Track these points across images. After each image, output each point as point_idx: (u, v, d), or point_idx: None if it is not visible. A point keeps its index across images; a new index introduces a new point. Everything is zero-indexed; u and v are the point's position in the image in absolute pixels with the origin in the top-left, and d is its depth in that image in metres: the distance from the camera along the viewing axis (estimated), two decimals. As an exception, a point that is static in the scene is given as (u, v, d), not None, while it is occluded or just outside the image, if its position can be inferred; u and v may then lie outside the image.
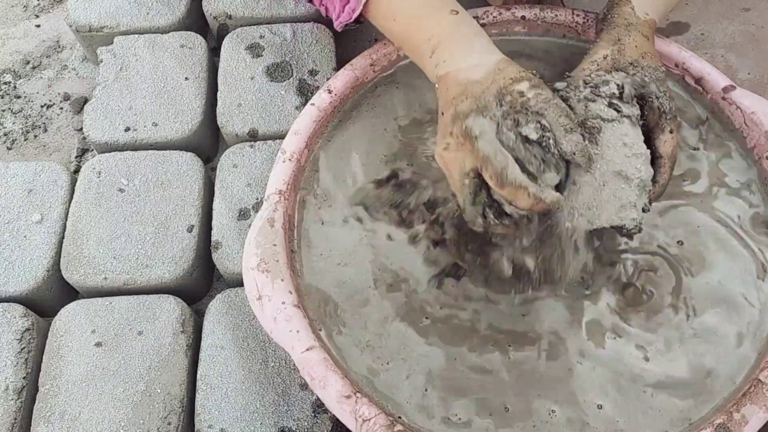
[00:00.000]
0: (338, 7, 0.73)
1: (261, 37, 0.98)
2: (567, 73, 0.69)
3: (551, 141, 0.59)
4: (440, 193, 0.73)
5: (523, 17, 0.86)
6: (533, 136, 0.58)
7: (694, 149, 0.78)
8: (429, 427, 0.64)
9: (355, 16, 0.72)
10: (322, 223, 0.74)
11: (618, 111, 0.63)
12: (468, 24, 0.69)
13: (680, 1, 0.76)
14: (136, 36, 0.99)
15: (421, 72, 0.72)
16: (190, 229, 0.84)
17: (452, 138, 0.62)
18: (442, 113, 0.64)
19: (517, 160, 0.58)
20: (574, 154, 0.59)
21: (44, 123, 1.03)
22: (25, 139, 1.02)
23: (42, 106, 1.05)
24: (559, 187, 0.61)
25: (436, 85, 0.67)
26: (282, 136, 0.82)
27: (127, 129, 0.92)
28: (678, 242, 0.72)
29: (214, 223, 0.84)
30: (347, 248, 0.73)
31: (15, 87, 1.06)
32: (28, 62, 1.09)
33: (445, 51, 0.66)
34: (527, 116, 0.59)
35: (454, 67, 0.65)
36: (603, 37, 0.71)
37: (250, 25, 0.99)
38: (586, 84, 0.65)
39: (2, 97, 1.05)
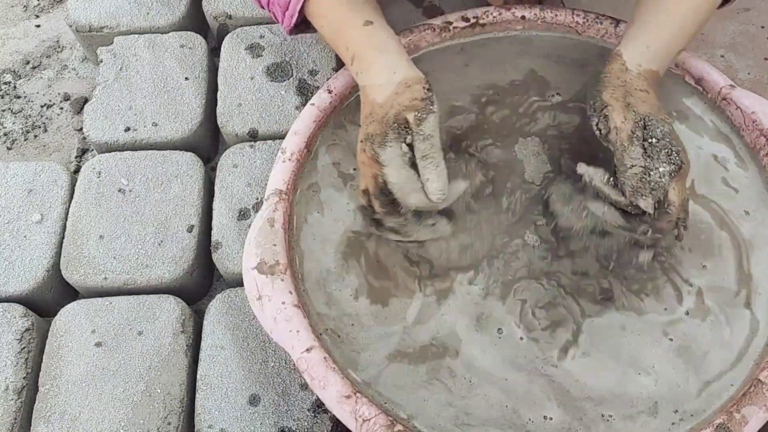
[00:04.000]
0: (279, 14, 0.77)
1: (261, 37, 0.98)
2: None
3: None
4: None
5: (523, 17, 0.86)
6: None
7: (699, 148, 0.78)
8: (430, 428, 0.64)
9: (294, 22, 0.76)
10: (323, 223, 0.74)
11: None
12: (379, 36, 0.72)
13: (686, 46, 0.75)
14: (136, 36, 0.99)
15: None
16: (190, 229, 0.84)
17: (365, 153, 0.68)
18: (361, 122, 0.71)
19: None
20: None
21: (44, 123, 1.03)
22: (25, 139, 1.02)
23: (42, 106, 1.05)
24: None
25: (360, 92, 0.73)
26: (282, 136, 0.82)
27: (127, 129, 0.92)
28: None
29: (214, 223, 0.84)
30: (347, 248, 0.73)
31: (15, 87, 1.06)
32: (28, 62, 1.09)
33: (359, 62, 0.72)
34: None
35: (367, 82, 0.71)
36: (609, 100, 0.69)
37: (250, 25, 0.99)
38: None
39: (2, 97, 1.05)
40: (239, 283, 0.79)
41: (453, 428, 0.63)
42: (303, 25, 0.78)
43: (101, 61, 0.98)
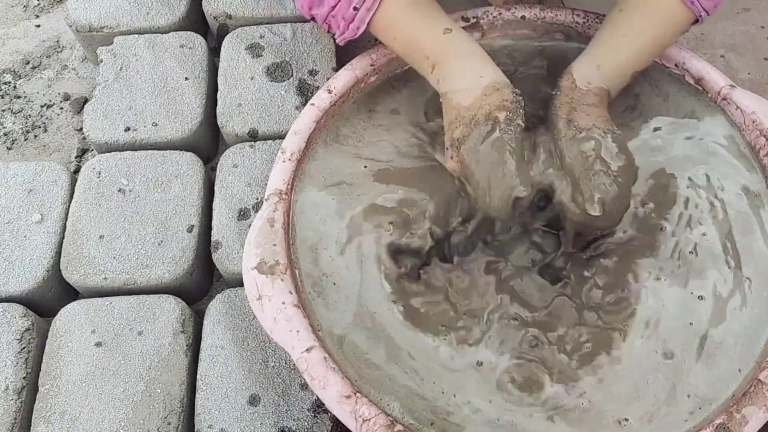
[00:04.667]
0: (342, 25, 0.76)
1: (261, 37, 0.98)
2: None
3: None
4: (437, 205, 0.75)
5: (523, 17, 0.86)
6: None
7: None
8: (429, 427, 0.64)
9: (359, 33, 0.76)
10: (323, 223, 0.74)
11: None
12: (461, 42, 0.73)
13: (642, 68, 0.76)
14: (136, 36, 0.99)
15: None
16: (190, 229, 0.84)
17: (452, 160, 0.70)
18: (446, 130, 0.72)
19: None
20: None
21: (44, 123, 1.03)
22: (25, 139, 1.02)
23: (42, 106, 1.05)
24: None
25: (440, 99, 0.73)
26: (282, 136, 0.82)
27: (127, 129, 0.92)
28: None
29: (214, 223, 0.84)
30: (347, 247, 0.73)
31: (15, 87, 1.06)
32: (28, 62, 1.09)
33: (442, 70, 0.72)
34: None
35: (450, 89, 0.71)
36: (556, 114, 0.71)
37: (250, 25, 0.99)
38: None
39: (2, 97, 1.05)
40: (239, 283, 0.79)
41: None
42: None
43: (101, 61, 0.98)
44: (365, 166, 0.77)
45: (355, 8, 0.73)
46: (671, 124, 0.79)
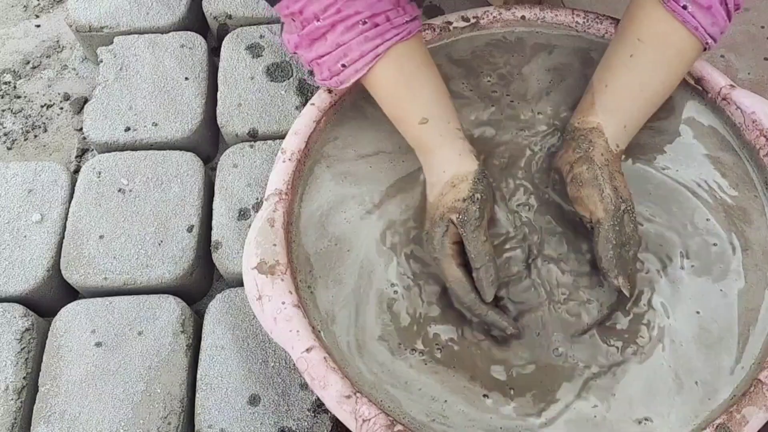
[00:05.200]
0: (326, 74, 0.73)
1: (261, 37, 0.98)
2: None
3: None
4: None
5: (523, 17, 0.86)
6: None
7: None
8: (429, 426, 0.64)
9: (342, 87, 0.73)
10: (323, 223, 0.74)
11: None
12: (434, 134, 0.72)
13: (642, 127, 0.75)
14: (136, 36, 0.99)
15: None
16: (190, 229, 0.84)
17: (426, 243, 0.71)
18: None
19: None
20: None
21: (44, 123, 1.03)
22: (25, 139, 1.02)
23: (42, 106, 1.05)
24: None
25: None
26: (282, 136, 0.82)
27: (127, 129, 0.92)
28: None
29: (214, 223, 0.84)
30: (347, 247, 0.73)
31: (15, 87, 1.06)
32: (28, 62, 1.09)
33: (419, 157, 0.74)
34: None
35: (427, 179, 0.74)
36: (601, 176, 0.69)
37: (250, 25, 0.99)
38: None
39: (2, 97, 1.05)
40: (239, 283, 0.79)
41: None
42: None
43: (101, 61, 0.98)
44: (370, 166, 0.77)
45: (343, 65, 0.71)
46: (671, 124, 0.79)
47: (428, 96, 0.72)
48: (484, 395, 0.65)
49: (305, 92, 0.93)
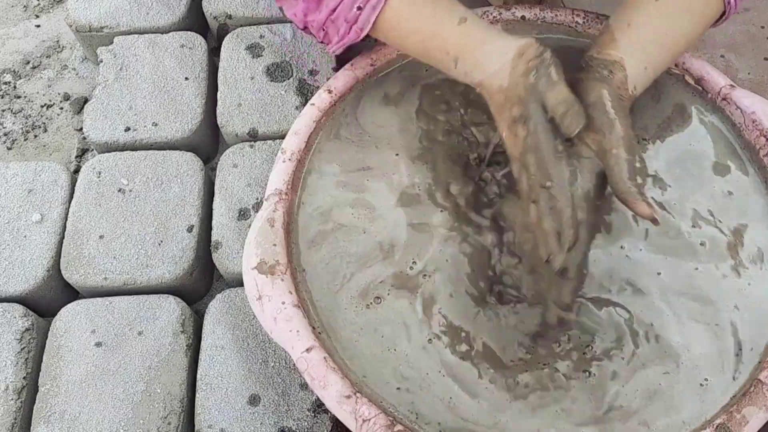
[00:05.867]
0: (343, 29, 0.71)
1: (261, 37, 0.98)
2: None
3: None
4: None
5: (523, 17, 0.86)
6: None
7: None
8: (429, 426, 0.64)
9: (363, 35, 0.71)
10: (323, 223, 0.74)
11: None
12: (478, 29, 0.69)
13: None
14: (136, 36, 0.99)
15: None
16: (190, 229, 0.84)
17: (517, 137, 0.66)
18: (499, 114, 0.68)
19: None
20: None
21: (44, 123, 1.03)
22: (25, 139, 1.02)
23: (42, 106, 1.05)
24: None
25: (477, 90, 0.70)
26: (282, 136, 0.82)
27: (127, 129, 0.92)
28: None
29: (214, 223, 0.84)
30: (348, 247, 0.73)
31: (15, 87, 1.06)
32: (28, 62, 1.09)
33: (466, 62, 0.69)
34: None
35: (483, 76, 0.68)
36: (603, 100, 0.68)
37: (250, 25, 0.99)
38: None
39: (2, 97, 1.05)
40: (239, 283, 0.79)
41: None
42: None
43: (101, 61, 0.98)
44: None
45: (359, 8, 0.69)
46: (671, 124, 0.79)
47: (456, 4, 0.70)
48: None
49: (305, 92, 0.93)
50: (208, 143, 0.97)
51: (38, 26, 1.13)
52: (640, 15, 0.72)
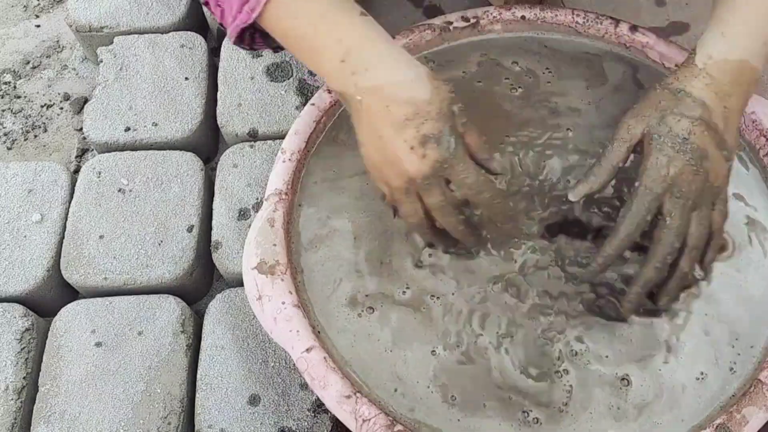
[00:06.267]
0: (236, 7, 0.63)
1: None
2: None
3: None
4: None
5: (523, 17, 0.85)
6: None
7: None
8: (430, 425, 0.64)
9: (254, 16, 0.63)
10: (323, 222, 0.74)
11: None
12: (378, 30, 0.63)
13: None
14: (136, 36, 0.99)
15: None
16: (190, 229, 0.84)
17: (425, 159, 0.61)
18: (383, 135, 0.61)
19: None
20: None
21: (44, 123, 1.03)
22: (25, 139, 1.02)
23: (42, 106, 1.05)
24: None
25: (358, 98, 0.62)
26: (282, 136, 0.82)
27: (127, 129, 0.92)
28: None
29: (214, 223, 0.84)
30: (348, 247, 0.73)
31: (15, 87, 1.06)
32: (28, 62, 1.09)
33: (363, 58, 0.61)
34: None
35: (385, 79, 0.61)
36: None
37: (250, 25, 0.99)
38: None
39: (2, 97, 1.05)
40: (239, 283, 0.79)
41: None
42: (252, 31, 0.67)
43: (101, 61, 0.98)
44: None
45: None
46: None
47: (354, 1, 0.63)
48: None
49: (305, 92, 0.93)
50: (208, 143, 0.97)
51: (38, 26, 1.13)
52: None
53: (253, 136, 0.91)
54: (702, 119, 0.62)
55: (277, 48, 0.69)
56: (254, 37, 0.69)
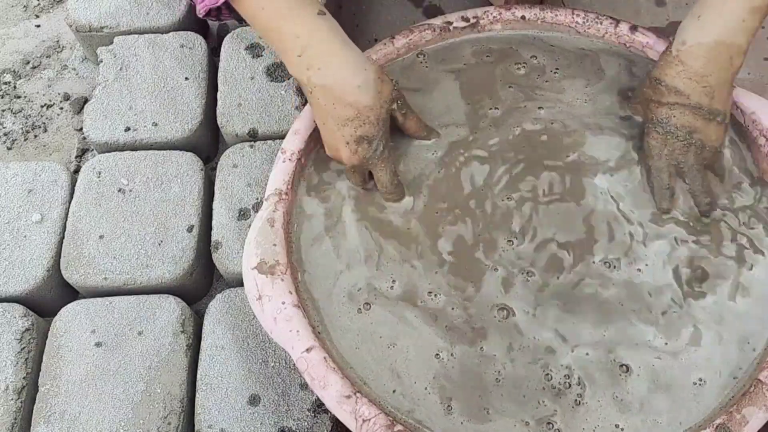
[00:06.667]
0: None
1: (261, 37, 0.98)
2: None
3: None
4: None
5: (523, 17, 0.86)
6: None
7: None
8: (430, 425, 0.64)
9: (221, 0, 0.69)
10: (323, 222, 0.74)
11: None
12: (335, 29, 0.70)
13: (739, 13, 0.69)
14: (136, 36, 0.99)
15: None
16: (190, 229, 0.84)
17: (356, 155, 0.72)
18: (337, 124, 0.71)
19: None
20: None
21: (44, 123, 1.03)
22: (25, 139, 1.02)
23: (42, 106, 1.05)
24: None
25: (309, 90, 0.70)
26: (282, 136, 0.82)
27: (127, 129, 0.92)
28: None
29: (214, 223, 0.84)
30: (348, 246, 0.73)
31: (15, 87, 1.06)
32: (28, 62, 1.09)
33: (316, 56, 0.68)
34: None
35: (334, 80, 0.68)
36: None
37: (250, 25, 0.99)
38: None
39: (2, 97, 1.05)
40: (239, 283, 0.79)
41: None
42: (223, 7, 0.72)
43: (101, 61, 0.98)
44: None
45: None
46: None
47: None
48: None
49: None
50: (208, 143, 0.97)
51: (38, 26, 1.13)
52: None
53: (253, 136, 0.91)
54: (678, 103, 0.71)
55: (241, 20, 0.74)
56: (221, 10, 0.73)
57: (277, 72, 0.95)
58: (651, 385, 0.65)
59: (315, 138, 0.78)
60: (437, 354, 0.67)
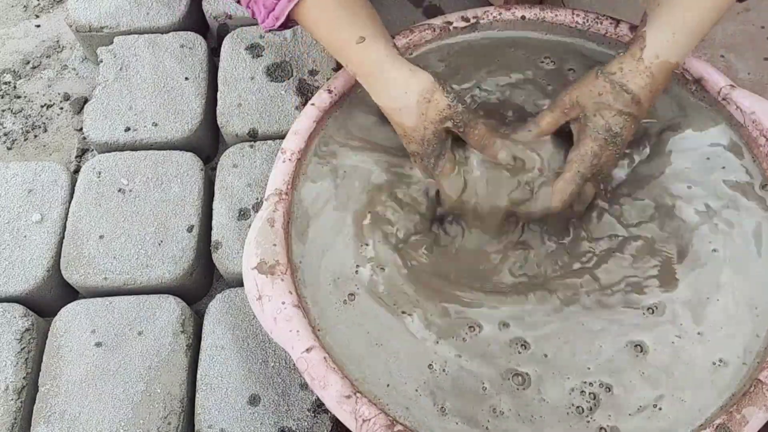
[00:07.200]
0: (263, 13, 0.72)
1: (261, 37, 0.98)
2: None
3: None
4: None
5: (523, 17, 0.86)
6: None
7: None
8: (430, 426, 0.64)
9: (278, 24, 0.72)
10: (323, 222, 0.74)
11: None
12: (374, 53, 0.70)
13: (705, 34, 0.70)
14: (136, 36, 0.99)
15: None
16: (190, 229, 0.84)
17: (416, 164, 0.75)
18: (399, 136, 0.74)
19: None
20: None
21: (44, 123, 1.03)
22: (25, 139, 1.02)
23: (42, 106, 1.05)
24: None
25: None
26: (282, 136, 0.82)
27: (127, 129, 0.92)
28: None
29: (214, 223, 0.84)
30: (348, 246, 0.73)
31: (15, 87, 1.06)
32: (28, 62, 1.09)
33: (364, 83, 0.72)
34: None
35: (382, 104, 0.72)
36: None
37: (250, 25, 0.99)
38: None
39: (2, 97, 1.05)
40: (239, 283, 0.79)
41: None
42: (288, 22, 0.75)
43: (101, 61, 0.98)
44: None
45: None
46: (671, 123, 0.79)
47: (364, 19, 0.71)
48: None
49: (305, 92, 0.93)
50: (208, 143, 0.97)
51: (38, 26, 1.13)
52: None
53: (253, 136, 0.91)
54: (632, 114, 0.69)
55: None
56: (285, 25, 0.75)
57: (277, 72, 0.95)
58: None
59: (315, 137, 0.78)
60: (430, 365, 0.67)
